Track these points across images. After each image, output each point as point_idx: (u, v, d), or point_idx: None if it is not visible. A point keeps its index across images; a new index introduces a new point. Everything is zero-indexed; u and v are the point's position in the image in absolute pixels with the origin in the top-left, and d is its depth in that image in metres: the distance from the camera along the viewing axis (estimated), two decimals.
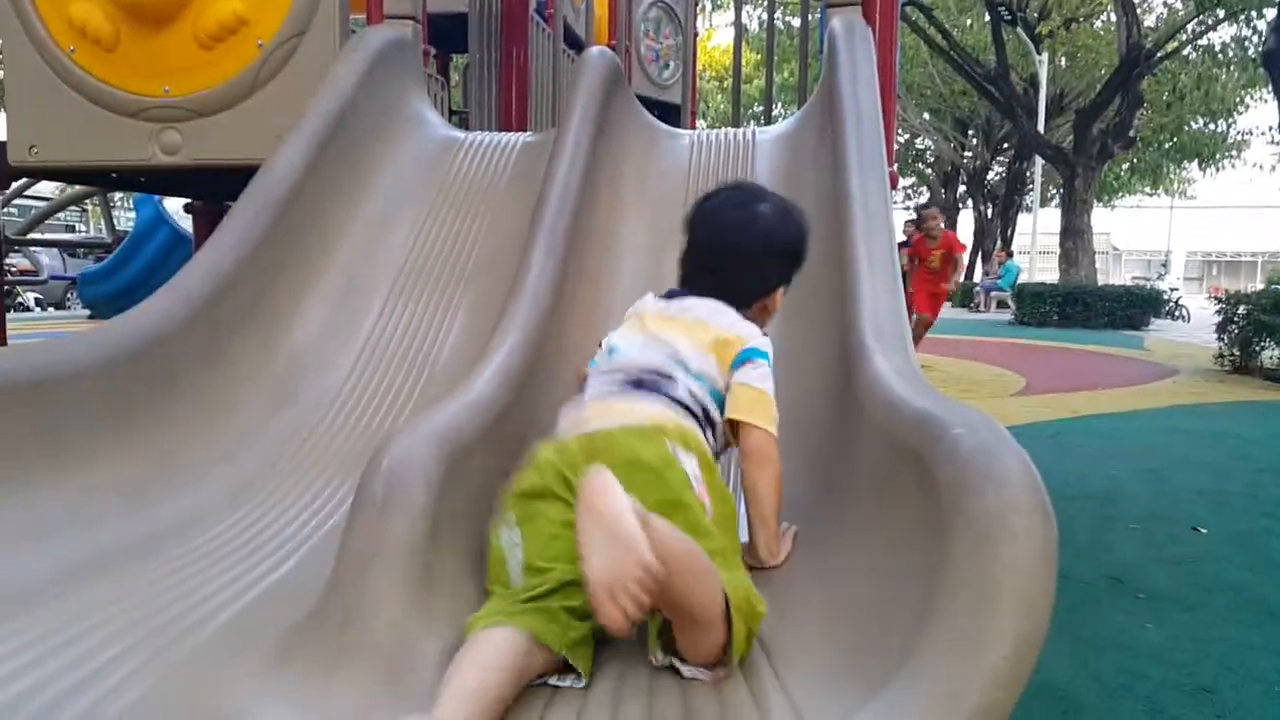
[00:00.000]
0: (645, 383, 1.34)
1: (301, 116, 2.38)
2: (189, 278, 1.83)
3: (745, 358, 1.39)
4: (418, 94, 2.70)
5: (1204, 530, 2.95)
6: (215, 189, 3.86)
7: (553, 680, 1.07)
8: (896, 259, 1.67)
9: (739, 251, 1.45)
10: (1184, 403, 5.97)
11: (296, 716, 1.00)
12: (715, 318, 1.42)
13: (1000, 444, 1.02)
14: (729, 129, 2.74)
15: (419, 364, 2.03)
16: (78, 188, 6.65)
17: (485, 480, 1.35)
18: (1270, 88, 9.29)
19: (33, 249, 8.55)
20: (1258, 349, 7.54)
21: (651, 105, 5.78)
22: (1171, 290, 16.82)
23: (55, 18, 3.14)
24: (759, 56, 19.40)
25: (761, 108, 4.26)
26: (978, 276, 24.01)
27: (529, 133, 2.84)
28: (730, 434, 1.38)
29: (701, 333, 1.40)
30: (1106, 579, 2.47)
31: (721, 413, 1.36)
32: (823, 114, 2.40)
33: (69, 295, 15.21)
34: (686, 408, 1.33)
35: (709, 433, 1.35)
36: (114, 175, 3.64)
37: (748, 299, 1.46)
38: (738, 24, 4.30)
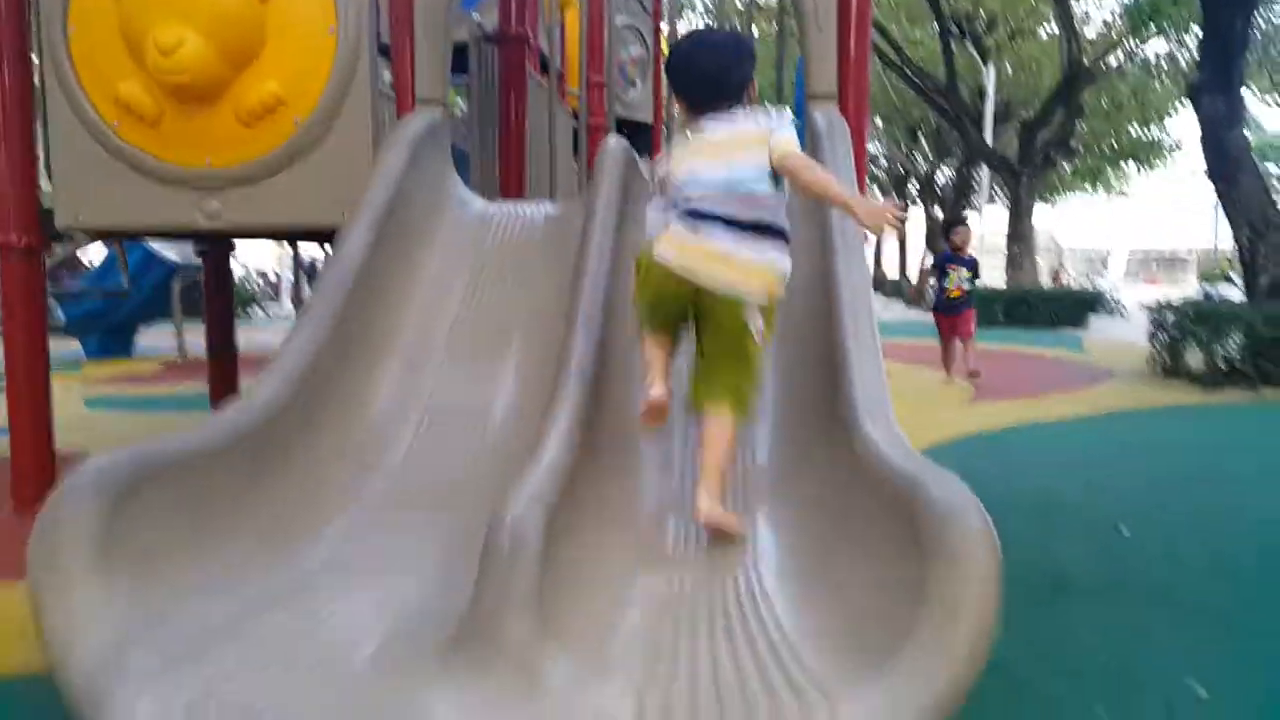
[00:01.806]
0: (743, 222, 1.89)
1: (342, 187, 2.75)
2: (286, 357, 2.19)
3: (780, 133, 1.98)
4: (450, 172, 3.08)
5: (1126, 533, 3.38)
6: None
7: None
8: (878, 343, 2.08)
9: (727, 65, 2.03)
10: (1119, 407, 6.52)
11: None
12: (757, 121, 1.98)
13: (965, 502, 1.43)
14: None
15: (475, 418, 2.41)
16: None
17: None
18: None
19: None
20: (1185, 353, 8.17)
21: (621, 126, 6.00)
22: (1112, 290, 17.79)
23: (101, 96, 3.39)
24: None
25: None
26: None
27: (550, 203, 3.23)
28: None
29: (756, 139, 1.95)
30: (1050, 582, 2.90)
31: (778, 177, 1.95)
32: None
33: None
34: (767, 219, 1.92)
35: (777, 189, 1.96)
36: None
37: (741, 92, 2.04)
38: None
